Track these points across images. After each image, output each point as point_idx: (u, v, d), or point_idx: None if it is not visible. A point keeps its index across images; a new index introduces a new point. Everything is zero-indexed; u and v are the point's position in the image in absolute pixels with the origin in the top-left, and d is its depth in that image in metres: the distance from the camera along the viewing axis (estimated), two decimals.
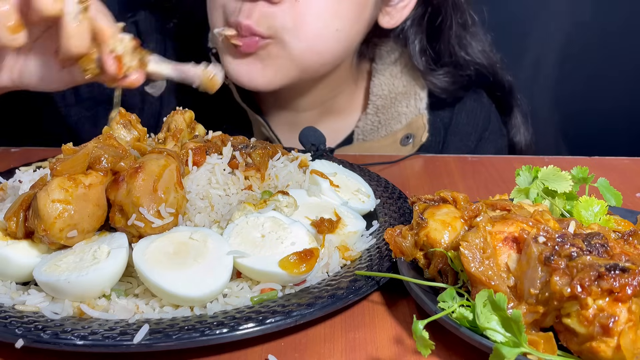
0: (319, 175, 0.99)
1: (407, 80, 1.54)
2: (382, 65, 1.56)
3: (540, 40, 1.96)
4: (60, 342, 0.66)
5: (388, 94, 1.54)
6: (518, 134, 1.65)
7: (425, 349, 0.63)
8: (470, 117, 1.59)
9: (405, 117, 1.53)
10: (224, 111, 1.53)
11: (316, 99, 1.53)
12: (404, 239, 0.78)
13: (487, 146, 1.60)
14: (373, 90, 1.55)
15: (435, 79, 1.52)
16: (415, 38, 1.50)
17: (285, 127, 1.56)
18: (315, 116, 1.56)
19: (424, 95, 1.54)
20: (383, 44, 1.56)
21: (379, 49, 1.56)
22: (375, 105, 1.55)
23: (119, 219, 0.78)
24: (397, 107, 1.54)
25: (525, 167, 0.94)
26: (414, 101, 1.53)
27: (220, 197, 0.90)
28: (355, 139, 1.57)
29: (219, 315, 0.71)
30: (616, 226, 0.83)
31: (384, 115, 1.54)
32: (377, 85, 1.55)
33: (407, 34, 1.50)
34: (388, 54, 1.56)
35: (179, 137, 0.99)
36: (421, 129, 1.51)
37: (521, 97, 1.66)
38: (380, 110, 1.55)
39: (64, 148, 0.83)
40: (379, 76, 1.55)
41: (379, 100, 1.55)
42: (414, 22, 1.50)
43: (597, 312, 0.60)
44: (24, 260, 0.77)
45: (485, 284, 0.68)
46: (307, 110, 1.55)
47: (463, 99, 1.59)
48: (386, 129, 1.54)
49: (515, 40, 1.93)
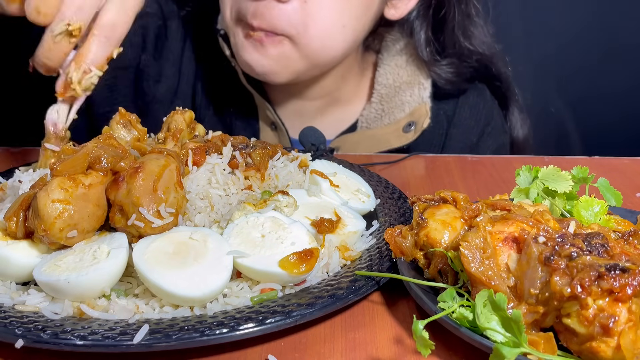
0: (319, 175, 0.99)
1: (411, 69, 1.56)
2: (388, 56, 1.58)
3: (541, 41, 1.96)
4: (60, 342, 0.66)
5: (393, 83, 1.56)
6: (516, 127, 1.67)
7: (425, 349, 0.63)
8: (474, 111, 1.60)
9: (408, 106, 1.54)
10: (231, 94, 1.56)
11: (323, 89, 1.55)
12: (404, 239, 0.78)
13: (488, 141, 1.61)
14: (378, 80, 1.57)
15: (440, 70, 1.54)
16: (421, 29, 1.52)
17: (291, 114, 1.59)
18: (322, 105, 1.59)
19: (428, 84, 1.55)
20: (389, 34, 1.58)
21: (385, 41, 1.58)
22: (380, 94, 1.57)
23: (119, 219, 0.78)
24: (401, 96, 1.55)
25: (525, 167, 0.94)
26: (417, 90, 1.54)
27: (220, 197, 0.90)
28: (359, 127, 1.60)
29: (219, 315, 0.71)
30: (616, 226, 0.83)
31: (387, 104, 1.56)
32: (382, 75, 1.57)
33: (413, 24, 1.52)
34: (393, 44, 1.58)
35: (179, 137, 0.99)
36: (423, 116, 1.52)
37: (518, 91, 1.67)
38: (384, 99, 1.57)
39: (64, 148, 0.83)
40: (384, 66, 1.57)
41: (384, 90, 1.57)
42: (419, 13, 1.51)
43: (597, 312, 0.60)
44: (24, 260, 0.77)
45: (485, 284, 0.68)
46: (314, 99, 1.58)
47: (466, 92, 1.60)
48: (389, 117, 1.56)
49: (517, 39, 1.93)
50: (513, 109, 1.66)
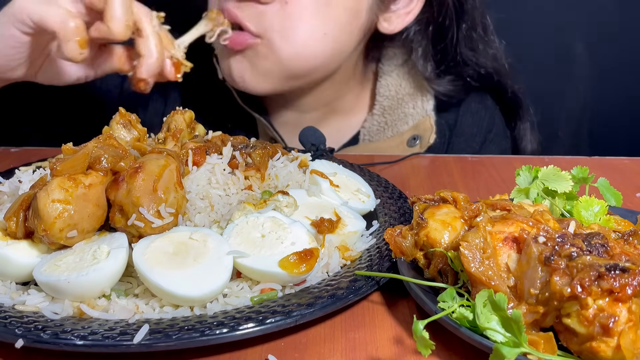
0: (319, 175, 0.99)
1: (414, 81, 1.53)
2: (389, 67, 1.55)
3: (540, 40, 1.96)
4: (60, 342, 0.66)
5: (395, 95, 1.53)
6: (524, 140, 1.65)
7: (425, 349, 0.63)
8: (475, 118, 1.58)
9: (412, 119, 1.52)
10: (228, 110, 1.53)
11: (320, 99, 1.52)
12: (404, 239, 0.78)
13: (491, 147, 1.59)
14: (380, 91, 1.54)
15: (439, 87, 1.51)
16: (420, 45, 1.48)
17: (290, 127, 1.55)
18: (320, 116, 1.55)
19: (431, 96, 1.53)
20: (390, 46, 1.55)
21: (385, 50, 1.55)
22: (382, 105, 1.54)
23: (119, 219, 0.78)
24: (404, 108, 1.53)
25: (525, 167, 0.94)
26: (420, 102, 1.52)
27: (220, 197, 0.90)
28: (362, 139, 1.57)
29: (219, 315, 0.71)
30: (616, 226, 0.83)
31: (390, 116, 1.54)
32: (383, 86, 1.54)
33: (412, 40, 1.49)
34: (396, 56, 1.55)
35: (179, 137, 0.99)
36: (428, 130, 1.50)
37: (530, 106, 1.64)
38: (387, 110, 1.54)
39: (64, 148, 0.83)
40: (385, 77, 1.54)
41: (386, 101, 1.54)
42: (418, 28, 1.48)
43: (597, 312, 0.60)
44: (24, 260, 0.77)
45: (485, 284, 0.68)
46: (312, 111, 1.55)
47: (467, 100, 1.58)
48: (392, 129, 1.53)
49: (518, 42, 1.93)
50: (525, 125, 1.64)
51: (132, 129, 0.99)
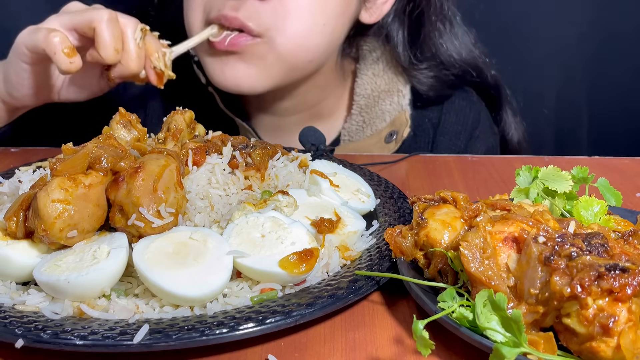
0: (319, 175, 0.99)
1: (389, 77, 1.54)
2: (365, 65, 1.56)
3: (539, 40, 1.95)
4: (60, 342, 0.66)
5: (371, 93, 1.54)
6: (510, 130, 1.65)
7: (425, 349, 0.63)
8: (460, 116, 1.57)
9: (389, 115, 1.53)
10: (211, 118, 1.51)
11: (301, 102, 1.52)
12: (404, 239, 0.78)
13: (477, 145, 1.58)
14: (357, 91, 1.55)
15: (420, 74, 1.52)
16: (398, 31, 1.50)
17: (272, 132, 1.55)
18: (302, 120, 1.54)
19: (407, 91, 1.53)
20: (365, 43, 1.56)
21: (361, 49, 1.56)
22: (359, 105, 1.55)
23: (119, 219, 0.78)
24: (381, 105, 1.53)
25: (525, 167, 0.94)
26: (396, 98, 1.53)
27: (220, 197, 0.90)
28: (342, 140, 1.57)
29: (219, 315, 0.71)
30: (616, 226, 0.83)
31: (368, 114, 1.54)
32: (360, 85, 1.55)
33: (389, 28, 1.51)
34: (370, 53, 1.56)
35: (179, 137, 0.99)
36: (403, 124, 1.50)
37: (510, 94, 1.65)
38: (364, 109, 1.54)
39: (64, 148, 0.83)
40: (362, 76, 1.55)
41: (363, 100, 1.54)
42: (395, 15, 1.50)
43: (597, 312, 0.60)
44: (24, 260, 0.77)
45: (485, 284, 0.68)
46: (293, 115, 1.55)
47: (451, 97, 1.58)
48: (371, 128, 1.54)
49: (515, 40, 1.93)
50: (506, 112, 1.64)
51: (132, 129, 0.99)
